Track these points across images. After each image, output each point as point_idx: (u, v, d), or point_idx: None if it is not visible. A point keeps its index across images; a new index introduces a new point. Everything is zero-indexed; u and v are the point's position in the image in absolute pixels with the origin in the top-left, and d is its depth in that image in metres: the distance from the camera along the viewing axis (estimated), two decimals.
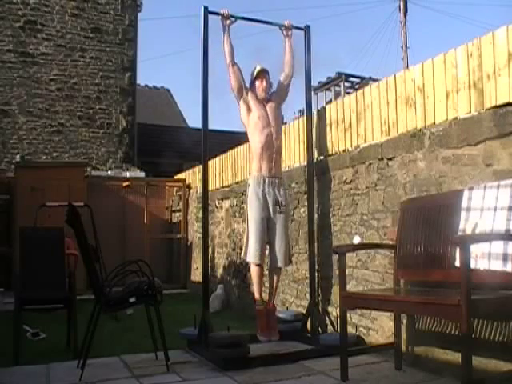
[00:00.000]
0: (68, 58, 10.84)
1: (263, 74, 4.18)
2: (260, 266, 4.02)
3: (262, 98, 4.15)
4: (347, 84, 16.80)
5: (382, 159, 3.72)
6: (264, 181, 4.00)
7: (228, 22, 4.09)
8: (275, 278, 4.16)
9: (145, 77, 35.73)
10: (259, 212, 3.96)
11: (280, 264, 4.08)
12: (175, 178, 9.54)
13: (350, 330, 3.72)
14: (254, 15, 4.33)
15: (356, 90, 11.64)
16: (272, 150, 4.05)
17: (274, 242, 4.04)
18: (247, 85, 4.19)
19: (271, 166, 4.03)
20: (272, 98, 4.21)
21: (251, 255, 3.98)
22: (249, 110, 4.12)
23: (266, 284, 4.32)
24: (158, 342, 3.53)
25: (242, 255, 4.12)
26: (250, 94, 4.15)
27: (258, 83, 4.16)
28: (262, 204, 3.98)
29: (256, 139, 4.06)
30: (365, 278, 3.81)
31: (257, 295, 4.05)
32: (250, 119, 4.11)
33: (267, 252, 4.15)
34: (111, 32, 11.27)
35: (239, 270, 6.09)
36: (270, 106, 4.15)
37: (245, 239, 4.09)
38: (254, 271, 4.06)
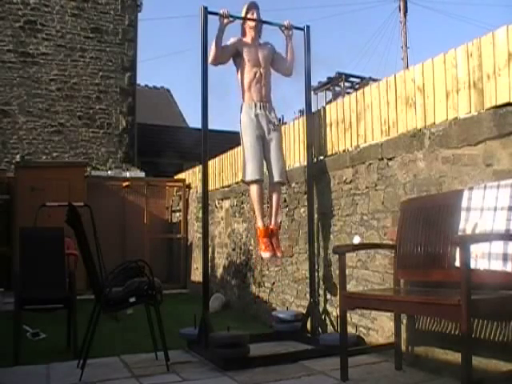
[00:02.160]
0: (68, 57, 10.84)
1: (253, 8, 4.23)
2: (259, 183, 4.06)
3: (253, 36, 4.20)
4: (347, 84, 16.82)
5: (382, 159, 3.72)
6: (255, 105, 4.10)
7: (226, 21, 4.10)
8: (275, 196, 4.21)
9: (145, 77, 35.80)
10: (253, 131, 4.05)
11: (277, 178, 4.13)
12: (175, 178, 9.54)
13: (350, 330, 3.72)
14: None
15: (356, 89, 11.64)
16: (261, 84, 4.12)
17: (271, 158, 4.14)
18: (239, 36, 4.26)
19: (261, 95, 4.13)
20: (267, 49, 4.26)
21: (249, 173, 4.04)
22: (242, 59, 4.16)
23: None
24: (158, 342, 3.53)
25: (242, 177, 4.19)
26: (241, 42, 4.20)
27: (249, 16, 4.21)
28: (256, 124, 4.07)
29: (245, 76, 4.12)
30: (365, 278, 3.81)
31: (259, 219, 4.13)
32: (241, 63, 4.16)
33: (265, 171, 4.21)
34: (111, 32, 11.27)
35: (239, 269, 6.10)
36: (262, 52, 4.21)
37: (242, 161, 4.16)
38: (253, 191, 4.10)
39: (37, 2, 10.62)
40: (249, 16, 4.22)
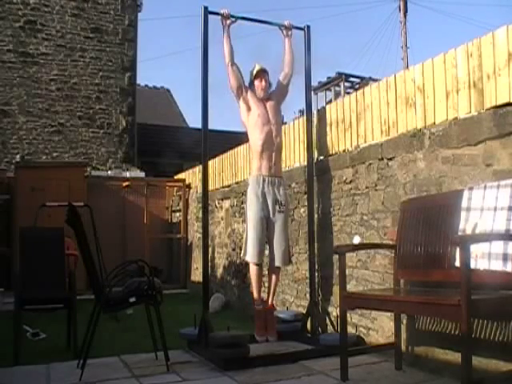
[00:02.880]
0: (68, 57, 10.84)
1: (262, 73, 4.18)
2: (259, 265, 4.02)
3: (262, 97, 4.15)
4: (347, 84, 16.80)
5: (382, 159, 3.72)
6: (264, 180, 4.00)
7: (228, 21, 4.09)
8: (274, 277, 4.15)
9: (145, 77, 35.75)
10: (258, 211, 3.96)
11: (279, 263, 4.07)
12: (175, 177, 9.54)
13: (350, 330, 3.72)
14: (254, 15, 4.33)
15: (356, 90, 11.64)
16: (272, 148, 4.04)
17: (273, 241, 4.04)
18: (246, 84, 4.19)
19: (271, 165, 4.03)
20: (272, 97, 4.21)
21: (250, 255, 3.97)
22: (248, 109, 4.11)
23: (267, 285, 4.32)
24: (158, 342, 3.53)
25: (242, 254, 4.12)
26: (249, 93, 4.14)
27: (257, 83, 4.16)
28: (262, 203, 3.98)
29: (256, 137, 4.05)
30: (365, 278, 3.81)
31: (256, 295, 4.05)
32: (249, 118, 4.10)
33: (267, 252, 4.14)
34: (111, 32, 11.27)
35: (239, 269, 6.09)
36: (269, 105, 4.15)
37: (244, 239, 4.08)
38: (253, 271, 4.05)
39: (37, 2, 10.63)
40: (256, 82, 4.15)
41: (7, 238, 7.66)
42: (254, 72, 4.18)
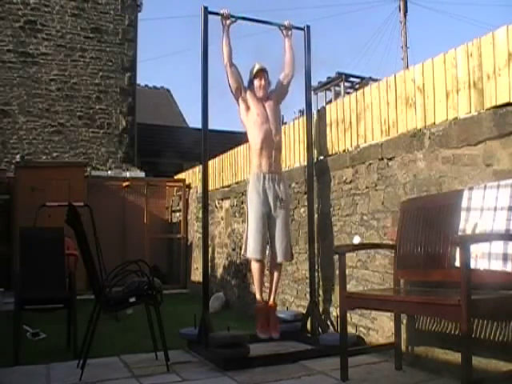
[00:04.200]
0: (68, 57, 10.84)
1: (262, 72, 4.17)
2: (260, 261, 3.98)
3: (261, 96, 4.14)
4: (347, 84, 16.79)
5: (382, 159, 3.72)
6: (264, 177, 3.98)
7: (228, 21, 4.09)
8: (276, 274, 4.11)
9: (145, 77, 35.76)
10: (259, 207, 3.94)
11: (280, 259, 4.02)
12: (175, 178, 9.55)
13: (350, 330, 3.72)
14: (254, 15, 4.33)
15: (356, 90, 11.65)
16: (271, 146, 4.03)
17: (275, 237, 4.01)
18: (245, 84, 4.19)
19: (271, 162, 4.01)
20: (271, 97, 4.20)
21: (251, 251, 3.94)
22: (247, 108, 4.10)
23: (267, 285, 4.31)
24: (158, 342, 3.53)
25: (242, 252, 4.09)
26: (248, 92, 4.14)
27: (256, 82, 4.15)
28: (263, 199, 3.95)
29: (255, 136, 4.04)
30: (365, 278, 3.81)
31: (257, 294, 4.03)
32: (248, 117, 4.09)
33: (268, 249, 4.13)
34: (111, 32, 11.27)
35: (239, 269, 6.10)
36: (268, 104, 4.14)
37: (245, 236, 4.06)
38: (254, 268, 4.01)
39: (37, 2, 10.63)
40: (256, 81, 4.13)
41: (7, 237, 7.66)
42: (254, 71, 4.17)
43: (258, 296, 4.03)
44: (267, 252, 4.11)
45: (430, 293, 2.86)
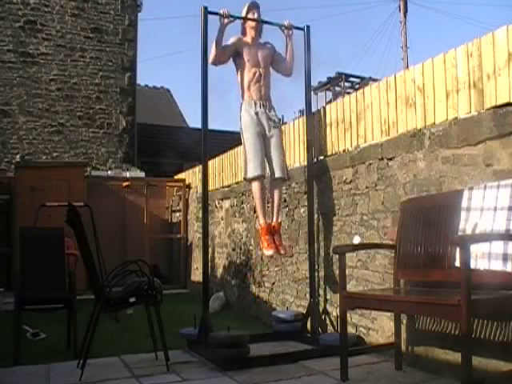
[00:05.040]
0: (68, 57, 10.84)
1: (253, 6, 4.24)
2: (261, 179, 4.04)
3: (253, 36, 4.21)
4: (347, 84, 16.82)
5: (382, 159, 3.72)
6: (255, 103, 4.12)
7: (226, 21, 4.09)
8: (276, 192, 4.19)
9: (145, 77, 35.77)
10: (254, 128, 4.06)
11: (279, 174, 4.12)
12: (175, 178, 9.55)
13: (350, 330, 3.72)
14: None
15: (356, 90, 11.64)
16: (260, 83, 4.14)
17: (271, 155, 4.13)
18: (240, 35, 4.27)
19: (261, 94, 4.14)
20: (267, 49, 4.28)
21: (251, 169, 4.02)
22: (240, 57, 4.17)
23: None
24: (158, 342, 3.52)
25: (243, 175, 4.15)
26: (241, 43, 4.21)
27: (250, 15, 4.22)
28: (256, 121, 4.08)
29: (245, 76, 4.14)
30: (365, 278, 3.81)
31: (260, 216, 4.10)
32: (239, 61, 4.18)
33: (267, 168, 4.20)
34: (111, 32, 11.27)
35: (239, 269, 6.10)
36: (261, 52, 4.22)
37: (243, 158, 4.14)
38: (255, 189, 4.07)
39: (37, 2, 10.63)
40: (249, 16, 4.23)
41: (7, 237, 7.67)
42: (246, 6, 4.24)
43: (261, 218, 4.11)
44: (267, 169, 4.17)
45: (430, 293, 2.86)
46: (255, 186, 4.07)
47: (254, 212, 4.52)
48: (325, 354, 3.54)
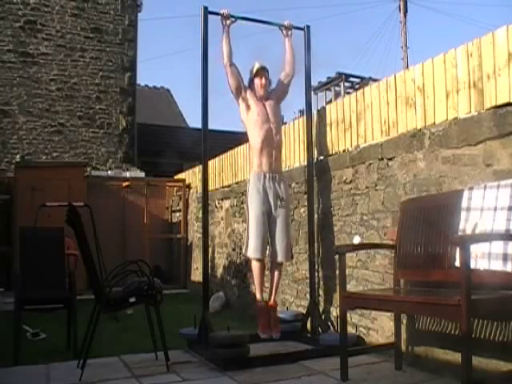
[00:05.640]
0: (68, 57, 10.84)
1: (262, 71, 4.16)
2: (261, 261, 3.96)
3: (261, 95, 4.12)
4: (347, 84, 16.80)
5: (382, 159, 3.72)
6: (264, 176, 3.96)
7: (228, 21, 4.08)
8: (276, 273, 4.09)
9: (145, 77, 35.71)
10: (260, 206, 3.92)
11: (281, 258, 4.01)
12: (175, 178, 9.55)
13: (350, 330, 3.72)
14: (253, 15, 4.32)
15: (356, 90, 11.64)
16: (272, 145, 4.01)
17: (275, 236, 3.99)
18: (246, 83, 4.18)
19: (271, 162, 3.99)
20: (271, 96, 4.18)
21: (252, 250, 3.92)
22: (248, 107, 4.09)
23: (267, 285, 4.31)
24: (158, 342, 3.53)
25: (243, 251, 4.07)
26: (248, 92, 4.12)
27: (256, 81, 4.13)
28: (263, 198, 3.93)
29: (255, 135, 4.02)
30: (365, 278, 3.81)
31: (258, 293, 4.01)
32: (249, 117, 4.07)
33: (268, 248, 4.13)
34: (111, 32, 11.27)
35: (239, 269, 6.10)
36: (269, 103, 4.12)
37: (245, 236, 4.04)
38: (254, 267, 3.99)
39: (37, 1, 10.63)
40: (256, 80, 4.11)
41: (7, 237, 7.67)
42: (254, 70, 4.15)
43: (258, 295, 4.01)
44: (267, 252, 4.11)
45: (429, 293, 2.86)
46: (254, 264, 3.99)
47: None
48: (325, 354, 3.54)
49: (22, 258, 4.14)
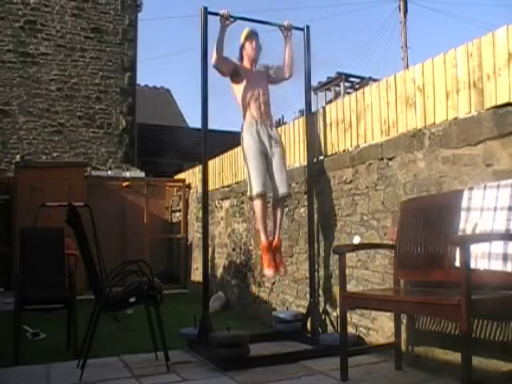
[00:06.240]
0: (68, 57, 10.85)
1: (252, 35, 4.23)
2: (263, 197, 4.03)
3: (252, 58, 4.21)
4: (347, 84, 16.80)
5: (382, 159, 3.72)
6: (256, 122, 4.10)
7: (227, 22, 4.09)
8: (279, 210, 4.19)
9: (145, 77, 35.76)
10: (256, 146, 4.05)
11: (282, 190, 4.12)
12: (175, 178, 9.55)
13: (350, 330, 3.72)
14: (253, 15, 4.32)
15: (356, 90, 11.64)
16: (259, 100, 4.14)
17: (274, 173, 4.12)
18: (237, 54, 4.26)
19: (261, 112, 4.14)
20: (263, 73, 4.27)
21: (254, 187, 4.00)
22: (239, 77, 4.17)
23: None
24: (158, 342, 3.53)
25: (248, 194, 4.13)
26: (240, 64, 4.20)
27: (247, 44, 4.21)
28: (257, 140, 4.06)
29: (245, 94, 4.13)
30: (365, 278, 3.81)
31: (262, 235, 4.08)
32: (239, 84, 4.16)
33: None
34: (111, 32, 11.27)
35: (239, 269, 6.10)
36: (259, 76, 4.22)
37: (247, 178, 4.12)
38: (257, 206, 4.05)
39: (37, 1, 10.63)
40: (247, 44, 4.21)
41: (7, 237, 7.67)
42: (245, 34, 4.23)
43: (262, 236, 4.08)
44: (269, 186, 4.17)
45: (429, 293, 2.86)
46: (257, 203, 4.04)
47: (255, 227, 4.52)
48: (325, 354, 3.54)
49: (22, 258, 4.14)
